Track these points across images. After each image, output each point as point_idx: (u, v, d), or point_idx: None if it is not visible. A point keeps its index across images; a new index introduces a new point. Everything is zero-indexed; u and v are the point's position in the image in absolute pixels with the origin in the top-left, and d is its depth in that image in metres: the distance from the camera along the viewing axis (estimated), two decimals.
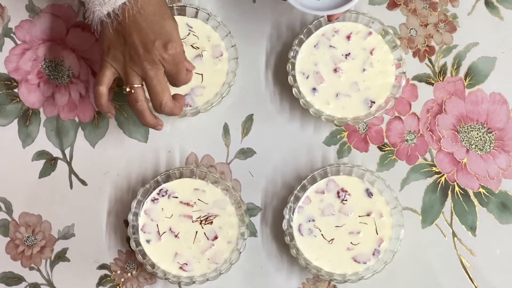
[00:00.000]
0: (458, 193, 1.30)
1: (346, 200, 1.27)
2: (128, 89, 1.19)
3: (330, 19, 1.23)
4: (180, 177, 1.28)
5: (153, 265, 1.26)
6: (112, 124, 1.32)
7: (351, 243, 1.26)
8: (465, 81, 1.31)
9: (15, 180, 1.32)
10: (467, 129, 1.31)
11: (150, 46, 1.16)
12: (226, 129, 1.32)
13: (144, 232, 1.27)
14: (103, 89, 1.19)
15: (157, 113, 1.22)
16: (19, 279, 1.32)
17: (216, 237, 1.27)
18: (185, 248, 1.26)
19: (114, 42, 1.17)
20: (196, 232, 1.27)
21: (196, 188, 1.27)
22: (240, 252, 1.26)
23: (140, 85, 1.19)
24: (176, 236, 1.26)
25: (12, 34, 1.33)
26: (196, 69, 1.28)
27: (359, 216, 1.27)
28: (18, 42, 1.33)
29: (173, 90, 1.25)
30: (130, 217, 1.26)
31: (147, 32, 1.16)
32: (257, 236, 1.31)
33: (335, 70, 1.28)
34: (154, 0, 1.16)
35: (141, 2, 1.15)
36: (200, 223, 1.27)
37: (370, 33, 1.29)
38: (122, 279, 1.32)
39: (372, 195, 1.27)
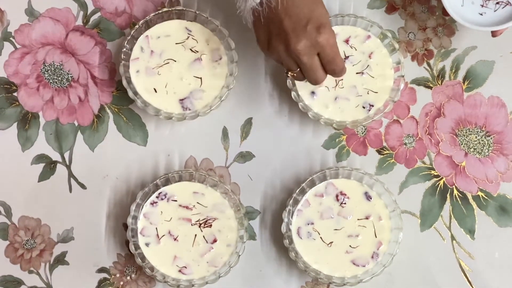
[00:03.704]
0: (457, 196, 1.31)
1: (345, 203, 1.27)
2: (290, 74, 1.18)
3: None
4: (179, 181, 1.28)
5: (152, 268, 1.26)
6: (111, 128, 1.32)
7: (350, 246, 1.26)
8: (464, 84, 1.32)
9: (15, 184, 1.32)
10: (466, 132, 1.31)
11: (302, 31, 1.13)
12: (225, 133, 1.32)
13: (143, 236, 1.27)
14: (298, 74, 1.18)
15: None
16: (19, 282, 1.32)
17: (215, 240, 1.27)
18: (184, 251, 1.26)
19: (267, 32, 1.15)
20: (195, 235, 1.27)
21: (195, 191, 1.28)
22: (239, 255, 1.27)
23: (299, 69, 1.17)
24: (175, 239, 1.27)
25: (11, 38, 1.33)
26: (195, 72, 1.28)
27: (358, 219, 1.27)
28: (18, 46, 1.33)
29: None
30: (129, 221, 1.26)
31: (299, 17, 1.13)
32: (256, 239, 1.31)
33: None
34: None
35: None
36: (199, 226, 1.27)
37: (369, 36, 1.29)
38: (122, 283, 1.32)
39: (371, 198, 1.27)
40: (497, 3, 1.23)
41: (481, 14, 1.24)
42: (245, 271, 1.30)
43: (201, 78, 1.29)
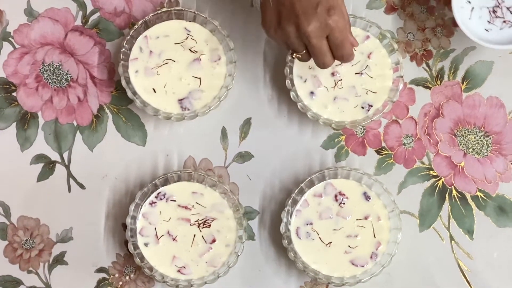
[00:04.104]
0: (456, 196, 1.31)
1: (343, 204, 1.27)
2: (294, 56, 1.18)
3: None
4: (178, 181, 1.28)
5: (151, 269, 1.26)
6: (110, 128, 1.32)
7: (349, 246, 1.26)
8: (462, 85, 1.32)
9: (14, 184, 1.32)
10: (465, 132, 1.31)
11: (313, 13, 1.12)
12: (224, 133, 1.32)
13: (142, 236, 1.27)
14: (304, 55, 1.17)
15: None
16: (18, 282, 1.32)
17: (214, 240, 1.27)
18: (183, 251, 1.26)
19: (276, 14, 1.14)
20: (194, 235, 1.27)
21: (194, 191, 1.28)
22: (238, 255, 1.27)
23: (305, 51, 1.16)
24: (174, 239, 1.27)
25: (10, 38, 1.33)
26: (194, 73, 1.28)
27: (357, 220, 1.27)
28: (17, 46, 1.33)
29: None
30: (128, 221, 1.26)
31: None
32: (255, 240, 1.31)
33: (332, 74, 1.28)
34: None
35: None
36: (198, 227, 1.27)
37: (368, 37, 1.29)
38: (120, 283, 1.32)
39: (369, 198, 1.27)
40: (504, 21, 1.24)
41: (487, 30, 1.24)
42: (244, 271, 1.30)
43: (200, 78, 1.29)
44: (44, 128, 1.32)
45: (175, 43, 1.29)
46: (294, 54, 1.18)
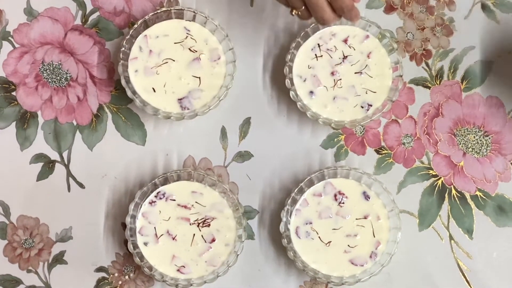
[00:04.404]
0: (455, 196, 1.31)
1: (343, 203, 1.27)
2: (294, 13, 1.17)
3: None
4: (177, 180, 1.28)
5: (150, 268, 1.26)
6: (110, 127, 1.32)
7: (348, 245, 1.26)
8: (462, 84, 1.32)
9: (13, 183, 1.32)
10: (464, 132, 1.31)
11: None
12: (223, 132, 1.32)
13: (142, 235, 1.27)
14: (303, 12, 1.16)
15: None
16: (17, 281, 1.32)
17: (213, 240, 1.27)
18: (183, 250, 1.26)
19: None
20: (194, 234, 1.27)
21: (193, 191, 1.28)
22: (238, 255, 1.27)
23: (304, 7, 1.15)
24: (173, 238, 1.27)
25: (10, 38, 1.33)
26: (194, 72, 1.29)
27: (356, 219, 1.27)
28: (16, 45, 1.33)
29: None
30: (128, 220, 1.26)
31: None
32: (254, 239, 1.31)
33: (332, 73, 1.29)
34: None
35: None
36: (198, 226, 1.27)
37: (367, 36, 1.29)
38: (120, 282, 1.32)
39: (369, 198, 1.27)
40: None
41: None
42: (243, 270, 1.30)
43: (199, 77, 1.29)
44: (44, 127, 1.33)
45: (175, 43, 1.29)
46: (294, 11, 1.17)
